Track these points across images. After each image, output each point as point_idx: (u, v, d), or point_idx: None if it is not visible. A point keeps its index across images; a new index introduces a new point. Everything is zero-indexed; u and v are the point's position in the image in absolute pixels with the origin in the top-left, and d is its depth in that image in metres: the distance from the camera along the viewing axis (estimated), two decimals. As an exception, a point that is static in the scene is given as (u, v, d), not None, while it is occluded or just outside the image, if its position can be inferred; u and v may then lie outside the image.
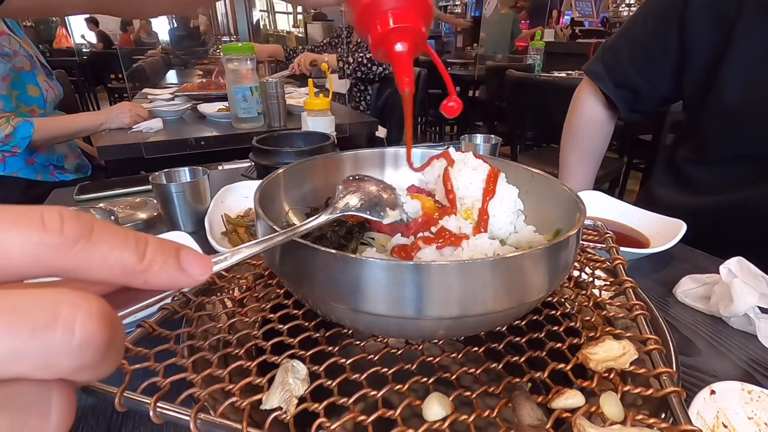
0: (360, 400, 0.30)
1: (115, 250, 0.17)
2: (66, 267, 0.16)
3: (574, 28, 5.41)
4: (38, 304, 0.14)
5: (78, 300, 0.15)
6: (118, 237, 0.17)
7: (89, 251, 0.16)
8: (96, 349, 0.15)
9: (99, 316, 0.15)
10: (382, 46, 0.37)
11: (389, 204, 0.38)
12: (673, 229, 0.70)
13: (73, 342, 0.14)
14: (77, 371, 0.15)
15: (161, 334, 0.36)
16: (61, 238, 0.15)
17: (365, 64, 2.12)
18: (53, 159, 1.55)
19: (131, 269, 0.17)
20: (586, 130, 1.09)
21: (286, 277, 0.34)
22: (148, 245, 0.18)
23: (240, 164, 1.29)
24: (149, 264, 0.18)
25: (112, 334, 0.15)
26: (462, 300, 0.29)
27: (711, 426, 0.39)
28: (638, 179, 2.80)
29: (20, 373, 0.14)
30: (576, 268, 0.48)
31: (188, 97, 1.97)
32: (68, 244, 0.15)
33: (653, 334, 0.35)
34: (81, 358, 0.14)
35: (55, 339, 0.14)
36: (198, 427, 0.27)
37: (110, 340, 0.15)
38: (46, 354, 0.14)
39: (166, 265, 0.18)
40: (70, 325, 0.14)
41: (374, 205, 0.37)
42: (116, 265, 0.17)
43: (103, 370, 0.16)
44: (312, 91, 1.26)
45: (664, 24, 0.87)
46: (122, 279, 0.17)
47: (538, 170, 0.47)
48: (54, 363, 0.14)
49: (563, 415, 0.29)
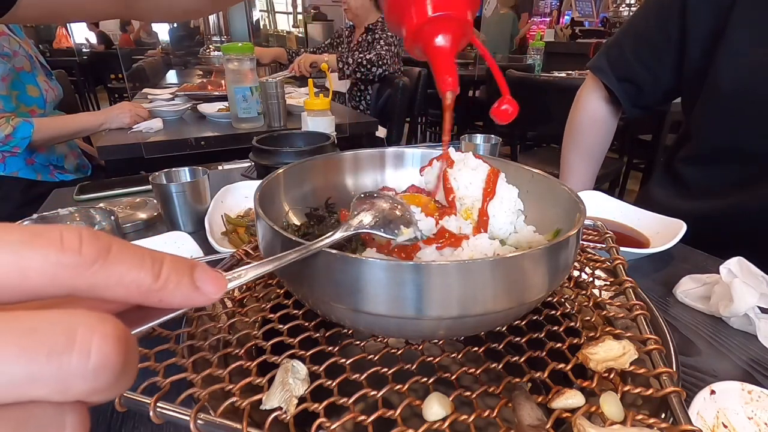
0: (360, 400, 0.30)
1: (131, 270, 0.17)
2: (83, 287, 0.16)
3: (574, 28, 5.41)
4: (54, 327, 0.14)
5: (94, 322, 0.15)
6: (135, 257, 0.17)
7: (106, 271, 0.16)
8: (111, 371, 0.15)
9: (114, 338, 0.15)
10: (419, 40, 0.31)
11: (403, 222, 0.37)
12: (673, 229, 0.70)
13: (89, 366, 0.14)
14: (92, 394, 0.15)
15: (161, 334, 0.36)
16: (80, 258, 0.15)
17: (365, 65, 2.12)
18: (53, 159, 1.55)
19: (147, 289, 0.17)
20: (588, 128, 1.09)
21: (286, 277, 0.34)
22: (164, 265, 0.18)
23: (240, 164, 1.29)
24: (164, 283, 0.18)
25: (127, 355, 0.15)
26: (462, 300, 0.29)
27: (711, 426, 0.39)
28: (638, 179, 2.80)
29: (35, 397, 0.14)
30: (576, 268, 0.48)
31: (188, 97, 1.97)
32: (86, 265, 0.16)
33: (653, 334, 0.35)
34: (96, 382, 0.14)
35: (71, 363, 0.14)
36: (198, 427, 0.27)
37: (125, 362, 0.15)
38: (62, 378, 0.14)
39: (181, 284, 0.18)
40: (86, 349, 0.14)
41: (388, 222, 0.36)
42: (132, 285, 0.17)
43: (117, 391, 0.16)
44: (312, 91, 1.26)
45: (666, 16, 0.88)
46: (137, 298, 0.17)
47: (538, 170, 0.47)
48: (69, 387, 0.14)
49: (563, 415, 0.29)
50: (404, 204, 0.40)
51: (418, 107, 2.66)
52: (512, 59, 4.54)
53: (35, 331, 0.14)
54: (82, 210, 0.74)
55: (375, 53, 2.14)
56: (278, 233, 0.32)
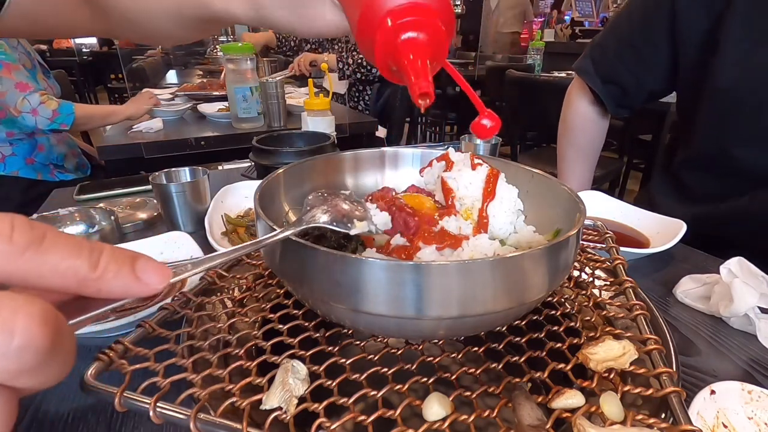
0: (360, 400, 0.30)
1: (67, 258, 0.17)
2: (15, 274, 0.16)
3: (574, 28, 5.42)
4: None
5: (20, 303, 0.14)
6: (71, 245, 0.17)
7: (40, 259, 0.16)
8: (36, 352, 0.14)
9: (41, 319, 0.15)
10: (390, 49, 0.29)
11: (357, 216, 0.37)
12: (673, 229, 0.70)
13: (12, 344, 0.14)
14: (17, 375, 0.15)
15: (161, 334, 0.36)
16: (10, 245, 0.15)
17: (365, 65, 2.12)
18: (53, 158, 1.55)
19: (84, 277, 0.17)
20: (580, 127, 1.10)
21: (286, 277, 0.34)
22: (103, 254, 0.18)
23: (240, 164, 1.29)
24: (102, 273, 0.18)
25: (55, 338, 0.15)
26: (462, 300, 0.29)
27: (711, 426, 0.39)
28: (638, 179, 2.81)
29: None
30: (576, 268, 0.48)
31: (188, 97, 1.97)
32: (17, 252, 0.15)
33: (653, 334, 0.35)
34: (20, 362, 0.14)
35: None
36: (198, 427, 0.27)
37: (53, 344, 0.15)
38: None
39: (120, 273, 0.18)
40: (9, 327, 0.14)
41: (341, 216, 0.37)
42: (68, 273, 0.17)
43: (46, 376, 0.15)
44: (312, 91, 1.26)
45: (652, 17, 0.87)
46: (75, 287, 0.17)
47: (538, 170, 0.47)
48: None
49: (563, 415, 0.29)
50: (358, 200, 0.41)
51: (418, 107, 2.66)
52: (512, 59, 4.54)
53: None
54: (83, 210, 0.74)
55: None
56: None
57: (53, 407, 0.41)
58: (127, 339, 0.33)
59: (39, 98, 1.36)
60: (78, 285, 0.17)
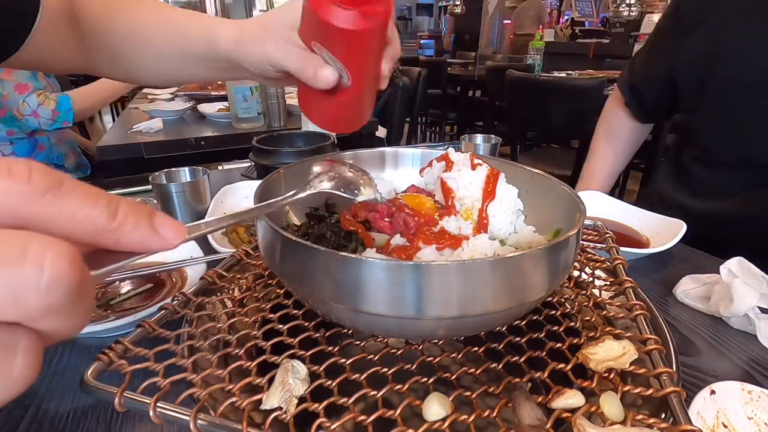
0: (360, 400, 0.30)
1: (85, 206, 0.17)
2: (34, 217, 0.15)
3: (574, 28, 5.41)
4: (6, 240, 0.14)
5: (48, 241, 0.14)
6: (90, 194, 0.17)
7: (59, 203, 0.16)
8: (65, 289, 0.14)
9: (70, 257, 0.15)
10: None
11: (363, 184, 0.38)
12: (673, 229, 0.70)
13: (43, 279, 0.14)
14: (45, 313, 0.15)
15: (161, 334, 0.36)
16: (29, 186, 0.15)
17: None
18: (53, 158, 1.55)
19: (102, 227, 0.17)
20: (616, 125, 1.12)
21: (286, 277, 0.34)
22: (121, 205, 0.18)
23: (240, 164, 1.29)
24: (120, 224, 0.18)
25: (82, 278, 0.15)
26: (462, 300, 0.29)
27: (711, 426, 0.39)
28: (638, 179, 2.80)
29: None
30: (576, 268, 0.48)
31: (188, 97, 1.97)
32: (37, 194, 0.15)
33: (653, 334, 0.35)
34: (50, 297, 0.14)
35: (24, 274, 0.14)
36: (198, 427, 0.27)
37: (80, 284, 0.15)
38: (14, 288, 0.14)
39: (138, 226, 0.18)
40: (40, 261, 0.14)
41: (348, 184, 0.37)
42: (86, 221, 0.17)
43: (69, 322, 0.15)
44: (312, 91, 1.26)
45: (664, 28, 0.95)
46: (92, 237, 0.17)
47: (538, 170, 0.47)
48: (21, 299, 0.14)
49: (563, 415, 0.29)
50: (363, 170, 0.42)
51: (418, 107, 2.66)
52: (512, 59, 4.54)
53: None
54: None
55: None
56: (278, 233, 0.32)
57: (53, 407, 0.41)
58: (127, 339, 0.33)
59: (36, 99, 1.36)
60: (95, 235, 0.17)
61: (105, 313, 0.52)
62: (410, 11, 8.52)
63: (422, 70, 2.51)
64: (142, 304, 0.54)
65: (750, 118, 0.79)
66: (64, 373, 0.46)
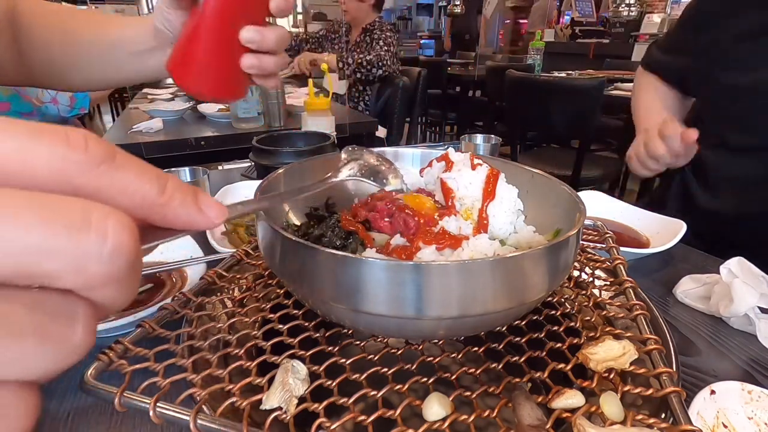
0: (360, 400, 0.30)
1: (137, 179, 0.17)
2: (88, 187, 0.15)
3: (574, 28, 5.41)
4: (71, 206, 0.14)
5: (108, 210, 0.14)
6: (141, 167, 0.17)
7: (112, 175, 0.16)
8: (126, 259, 0.15)
9: (130, 227, 0.15)
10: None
11: (391, 174, 0.38)
12: (673, 229, 0.70)
13: (106, 248, 0.14)
14: (104, 282, 0.15)
15: (161, 334, 0.36)
16: (86, 156, 0.15)
17: (365, 66, 2.12)
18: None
19: (152, 201, 0.17)
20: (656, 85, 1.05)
21: (286, 277, 0.34)
22: (169, 181, 0.18)
23: (240, 164, 1.29)
24: (169, 199, 0.18)
25: (138, 251, 0.15)
26: (462, 300, 0.29)
27: (711, 426, 0.39)
28: (638, 179, 2.80)
29: (48, 272, 0.14)
30: (576, 268, 0.48)
31: (188, 97, 1.97)
32: (93, 164, 0.15)
33: (653, 334, 0.35)
34: (111, 266, 0.14)
35: (89, 241, 0.14)
36: (198, 427, 0.27)
37: (137, 256, 0.15)
38: (78, 255, 0.14)
39: (186, 203, 0.18)
40: (103, 230, 0.14)
41: (376, 173, 0.38)
42: (137, 195, 0.17)
43: (124, 292, 0.16)
44: (312, 91, 1.26)
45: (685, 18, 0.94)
46: (141, 210, 0.17)
47: (538, 170, 0.47)
48: (84, 267, 0.14)
49: (563, 415, 0.29)
50: (389, 160, 0.43)
51: (418, 107, 2.66)
52: (512, 59, 4.54)
53: (52, 205, 0.14)
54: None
55: (375, 54, 2.14)
56: (278, 233, 0.32)
57: (53, 407, 0.41)
58: (127, 339, 0.33)
59: None
60: (144, 209, 0.17)
61: (105, 313, 0.52)
62: (410, 11, 8.52)
63: (422, 70, 2.51)
64: (142, 304, 0.54)
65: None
66: (64, 373, 0.46)
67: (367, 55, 2.14)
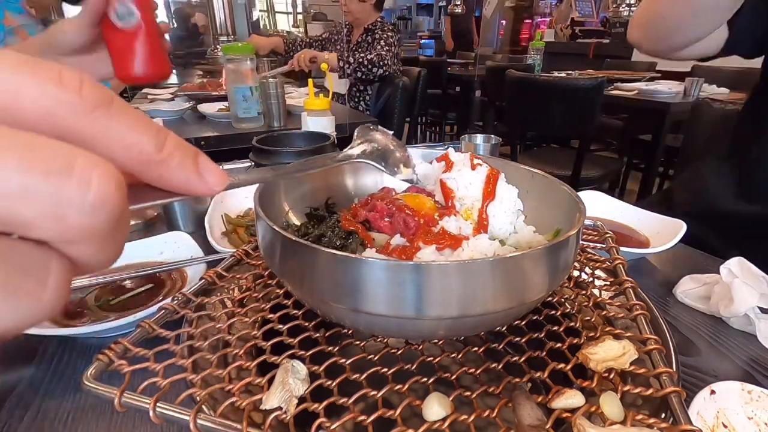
0: (360, 400, 0.30)
1: (134, 130, 0.15)
2: (79, 133, 0.14)
3: (574, 28, 5.41)
4: (55, 150, 0.13)
5: (95, 158, 0.13)
6: (139, 119, 0.16)
7: (107, 123, 0.14)
8: (109, 213, 0.13)
9: (117, 180, 0.14)
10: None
11: (403, 161, 0.37)
12: (673, 229, 0.70)
13: (88, 197, 0.13)
14: (83, 236, 0.13)
15: (161, 334, 0.36)
16: (79, 98, 0.14)
17: (366, 65, 2.12)
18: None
19: (148, 157, 0.16)
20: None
21: (286, 277, 0.34)
22: (168, 137, 0.17)
23: (240, 164, 1.29)
24: (168, 156, 0.16)
25: (124, 207, 0.14)
26: (462, 300, 0.29)
27: (711, 426, 0.39)
28: (638, 179, 2.80)
29: (23, 218, 0.12)
30: (576, 268, 0.48)
31: (188, 97, 1.97)
32: (86, 108, 0.14)
33: (653, 334, 0.35)
34: (92, 219, 0.13)
35: (70, 188, 0.13)
36: (198, 427, 0.27)
37: (123, 213, 0.14)
38: (57, 201, 0.12)
39: (184, 163, 0.17)
40: (86, 179, 0.13)
41: (387, 158, 0.36)
42: (134, 148, 0.15)
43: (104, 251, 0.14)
44: (312, 91, 1.26)
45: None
46: (137, 166, 0.16)
47: (538, 170, 0.47)
48: (63, 215, 0.13)
49: (563, 415, 0.29)
50: (404, 147, 0.41)
51: (418, 107, 2.66)
52: (512, 59, 4.54)
53: (34, 146, 0.12)
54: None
55: (375, 54, 2.14)
56: (278, 233, 0.32)
57: (53, 407, 0.41)
58: (127, 339, 0.33)
59: None
60: (140, 165, 0.16)
61: (105, 313, 0.52)
62: (410, 11, 8.52)
63: (422, 70, 2.51)
64: (142, 304, 0.54)
65: None
66: (64, 373, 0.46)
67: (368, 55, 2.14)
